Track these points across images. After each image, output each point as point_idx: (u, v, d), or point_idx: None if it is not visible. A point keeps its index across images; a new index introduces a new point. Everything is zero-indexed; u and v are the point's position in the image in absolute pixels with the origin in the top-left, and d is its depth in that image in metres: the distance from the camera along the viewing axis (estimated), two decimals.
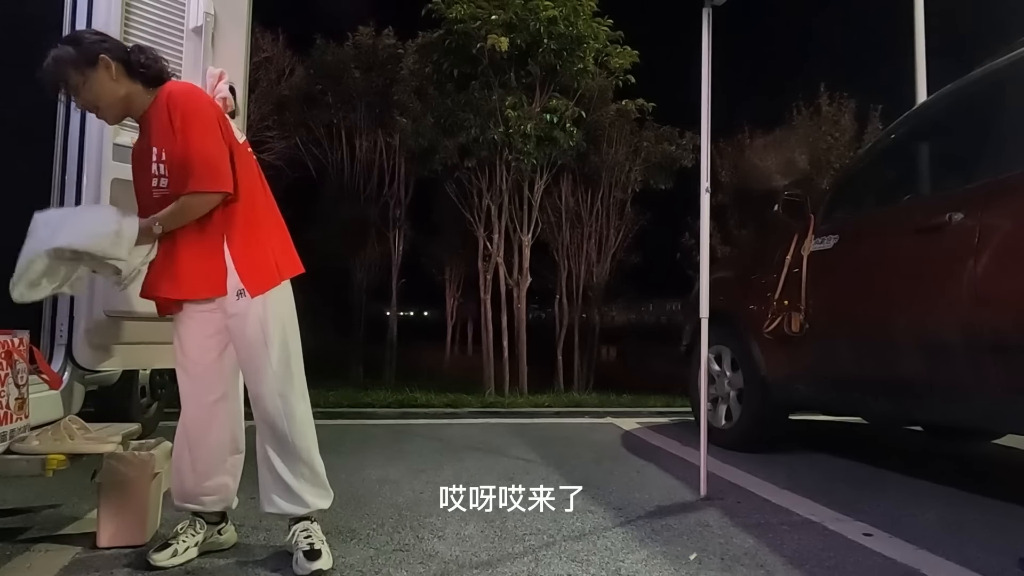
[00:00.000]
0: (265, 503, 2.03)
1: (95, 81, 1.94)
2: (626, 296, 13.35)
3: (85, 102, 2.00)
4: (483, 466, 3.38)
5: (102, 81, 1.94)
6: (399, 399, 6.35)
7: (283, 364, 1.97)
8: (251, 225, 1.97)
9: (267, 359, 1.95)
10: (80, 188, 2.43)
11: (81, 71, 1.93)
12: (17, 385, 1.90)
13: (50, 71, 1.94)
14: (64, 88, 1.97)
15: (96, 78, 1.94)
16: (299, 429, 1.99)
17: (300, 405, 2.00)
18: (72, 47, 1.96)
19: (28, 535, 2.23)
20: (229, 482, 2.09)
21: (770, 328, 3.49)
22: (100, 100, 1.97)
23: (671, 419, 5.36)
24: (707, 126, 2.91)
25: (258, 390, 1.97)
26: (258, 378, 1.97)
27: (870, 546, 2.21)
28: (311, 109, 9.53)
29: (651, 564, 2.03)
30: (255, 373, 1.97)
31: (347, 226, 9.47)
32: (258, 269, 1.95)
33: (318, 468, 2.05)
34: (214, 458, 2.04)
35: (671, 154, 9.08)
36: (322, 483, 2.06)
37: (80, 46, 1.96)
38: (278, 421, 1.97)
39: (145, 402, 4.01)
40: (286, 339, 1.98)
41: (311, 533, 1.98)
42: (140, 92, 1.98)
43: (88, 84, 1.94)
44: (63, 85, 1.96)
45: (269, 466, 2.00)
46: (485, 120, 7.36)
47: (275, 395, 1.96)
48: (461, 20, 7.16)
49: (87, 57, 1.94)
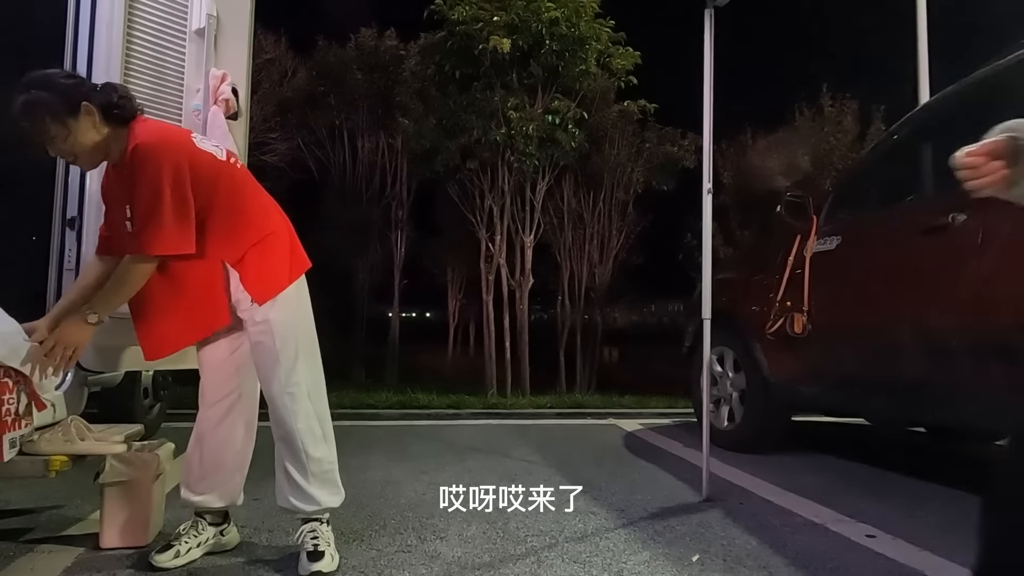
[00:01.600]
0: (279, 499, 2.04)
1: (78, 131, 1.78)
2: (628, 297, 13.34)
3: (60, 152, 1.82)
4: (485, 467, 3.38)
5: (85, 130, 1.79)
6: (401, 400, 6.35)
7: (292, 364, 1.96)
8: (247, 239, 1.95)
9: (276, 360, 1.95)
10: (83, 191, 2.43)
11: (62, 121, 1.76)
12: (23, 392, 1.90)
13: (24, 122, 1.73)
14: (37, 140, 1.77)
15: (79, 128, 1.78)
16: (307, 427, 1.98)
17: (307, 404, 1.99)
18: (47, 92, 1.74)
19: (31, 536, 2.23)
20: (235, 477, 2.10)
21: (772, 329, 3.49)
22: (79, 148, 1.80)
23: (673, 420, 5.36)
24: (709, 127, 2.91)
25: (268, 391, 1.99)
26: (268, 379, 1.97)
27: (873, 547, 2.21)
28: (313, 110, 9.54)
29: (653, 565, 2.03)
30: (265, 374, 1.98)
31: (349, 227, 9.48)
32: (262, 279, 1.94)
33: (328, 466, 2.03)
34: (220, 453, 2.05)
35: (673, 155, 9.07)
36: (333, 482, 2.05)
37: (57, 91, 1.75)
38: (287, 420, 1.97)
39: (148, 403, 4.02)
40: (297, 340, 1.98)
41: (318, 535, 1.98)
42: (115, 135, 1.85)
43: (71, 135, 1.77)
44: (37, 138, 1.75)
45: (281, 464, 2.01)
46: (487, 121, 7.37)
47: (284, 395, 1.96)
48: (463, 21, 7.16)
49: (68, 104, 1.76)
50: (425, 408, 6.12)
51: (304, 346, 2.01)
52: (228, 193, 1.96)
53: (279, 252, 2.02)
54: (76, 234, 2.40)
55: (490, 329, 7.99)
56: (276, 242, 2.02)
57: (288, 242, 2.06)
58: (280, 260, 2.01)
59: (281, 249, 2.03)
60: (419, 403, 6.29)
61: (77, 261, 2.38)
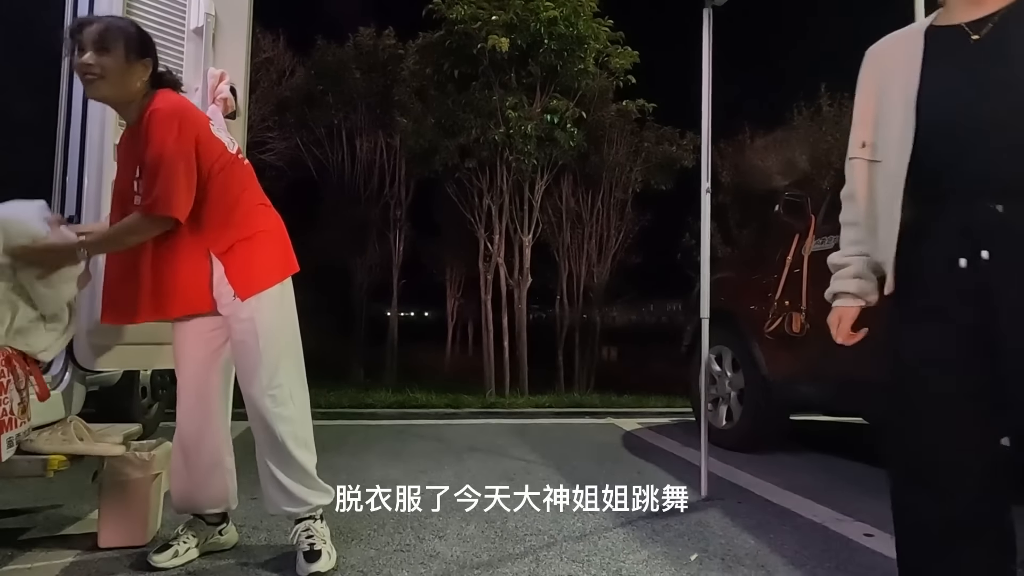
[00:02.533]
0: (267, 504, 2.03)
1: (127, 70, 1.87)
2: (627, 296, 13.33)
3: (98, 67, 1.84)
4: (484, 466, 3.39)
5: (132, 73, 1.88)
6: (400, 399, 6.35)
7: (275, 366, 1.94)
8: (238, 232, 1.95)
9: (259, 361, 1.93)
10: (80, 189, 2.42)
11: (127, 54, 1.86)
12: (18, 390, 1.90)
13: (102, 30, 1.83)
14: (90, 47, 1.82)
15: (130, 69, 1.88)
16: (288, 429, 1.96)
17: (290, 407, 1.97)
18: (135, 29, 1.90)
19: (29, 536, 2.23)
20: (228, 482, 2.08)
21: (771, 328, 3.49)
22: (113, 79, 1.86)
23: (672, 419, 5.36)
24: (708, 126, 2.91)
25: (248, 390, 1.96)
26: (250, 379, 1.95)
27: (871, 546, 2.22)
28: (312, 110, 9.53)
29: (652, 564, 2.03)
30: (247, 375, 1.95)
31: (348, 227, 9.47)
32: (247, 273, 1.93)
33: (312, 468, 2.02)
34: (209, 460, 2.02)
35: (672, 154, 9.08)
36: (318, 481, 2.03)
37: (141, 34, 1.92)
38: (268, 421, 1.94)
39: (146, 402, 4.01)
40: (280, 341, 1.97)
41: (313, 533, 1.97)
42: (144, 96, 1.92)
43: (120, 68, 1.86)
44: (96, 46, 1.83)
45: (264, 466, 1.99)
46: (486, 121, 7.36)
47: (265, 396, 1.93)
48: (462, 21, 7.16)
49: (141, 48, 1.90)
50: (424, 408, 6.12)
51: (287, 349, 1.99)
52: (227, 183, 1.95)
53: (268, 251, 2.00)
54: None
55: (489, 328, 7.99)
56: (267, 240, 2.00)
57: (279, 244, 2.04)
58: (268, 259, 1.99)
59: (271, 248, 2.01)
60: (418, 402, 6.29)
61: None
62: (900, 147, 1.34)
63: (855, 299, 1.48)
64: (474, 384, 7.82)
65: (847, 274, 1.49)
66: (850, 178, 1.51)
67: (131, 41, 1.88)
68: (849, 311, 1.48)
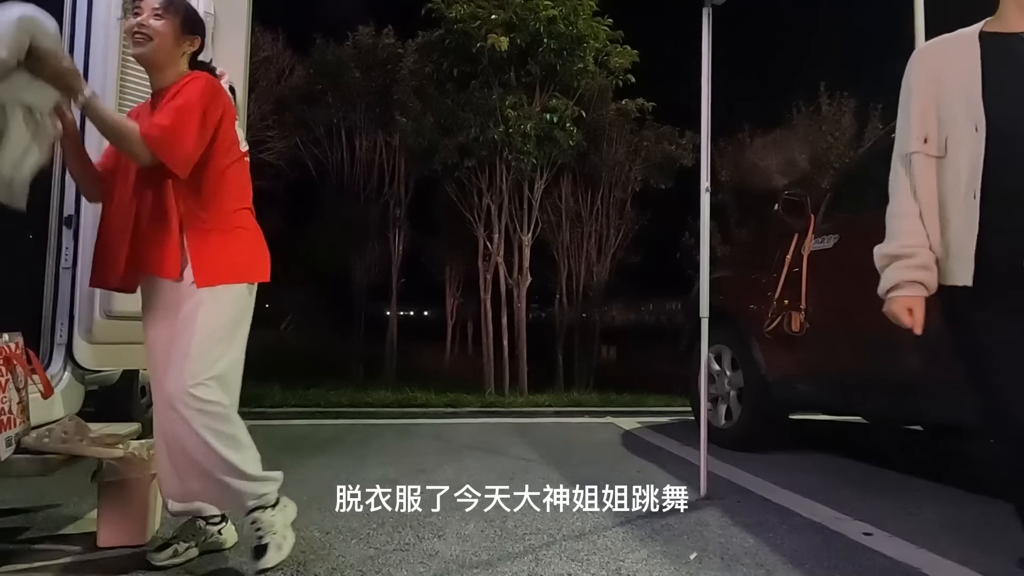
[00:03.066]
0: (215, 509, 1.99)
1: (173, 43, 1.92)
2: (626, 295, 13.35)
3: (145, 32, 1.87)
4: (483, 465, 3.39)
5: (176, 47, 1.93)
6: (399, 399, 6.35)
7: (203, 359, 1.80)
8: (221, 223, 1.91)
9: (186, 354, 1.79)
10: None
11: (179, 26, 1.92)
12: (17, 389, 1.90)
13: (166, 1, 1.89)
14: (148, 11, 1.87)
15: (177, 44, 1.92)
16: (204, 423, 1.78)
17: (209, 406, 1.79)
18: (196, 12, 2.00)
19: (28, 535, 2.23)
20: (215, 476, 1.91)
21: (770, 327, 3.49)
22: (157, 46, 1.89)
23: (671, 419, 5.36)
24: (707, 125, 2.91)
25: (163, 388, 1.82)
26: (175, 361, 1.81)
27: (870, 545, 2.22)
28: (311, 109, 9.53)
29: (651, 563, 2.03)
30: (171, 367, 1.82)
31: (347, 226, 9.47)
32: (210, 261, 1.87)
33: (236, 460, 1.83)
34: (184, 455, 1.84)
35: (671, 154, 9.09)
36: (257, 470, 1.88)
37: (198, 15, 2.01)
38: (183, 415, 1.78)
39: (145, 402, 4.01)
40: (219, 338, 1.85)
41: (260, 524, 1.83)
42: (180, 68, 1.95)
43: (171, 34, 1.90)
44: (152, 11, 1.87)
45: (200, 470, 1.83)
46: (485, 120, 7.36)
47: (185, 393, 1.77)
48: (461, 20, 7.16)
49: (193, 26, 1.96)
50: (423, 407, 6.13)
51: (224, 350, 1.86)
52: (223, 173, 1.93)
53: (240, 249, 1.95)
54: (73, 233, 2.38)
55: (488, 328, 7.99)
56: (242, 237, 1.96)
57: (254, 247, 2.00)
58: (237, 256, 1.93)
59: (244, 247, 1.96)
60: (417, 402, 6.29)
61: (74, 260, 2.36)
62: (972, 145, 1.39)
63: (924, 289, 1.51)
64: (474, 383, 7.83)
65: (914, 264, 1.51)
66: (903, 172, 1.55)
67: (188, 16, 1.95)
68: (920, 301, 1.51)
